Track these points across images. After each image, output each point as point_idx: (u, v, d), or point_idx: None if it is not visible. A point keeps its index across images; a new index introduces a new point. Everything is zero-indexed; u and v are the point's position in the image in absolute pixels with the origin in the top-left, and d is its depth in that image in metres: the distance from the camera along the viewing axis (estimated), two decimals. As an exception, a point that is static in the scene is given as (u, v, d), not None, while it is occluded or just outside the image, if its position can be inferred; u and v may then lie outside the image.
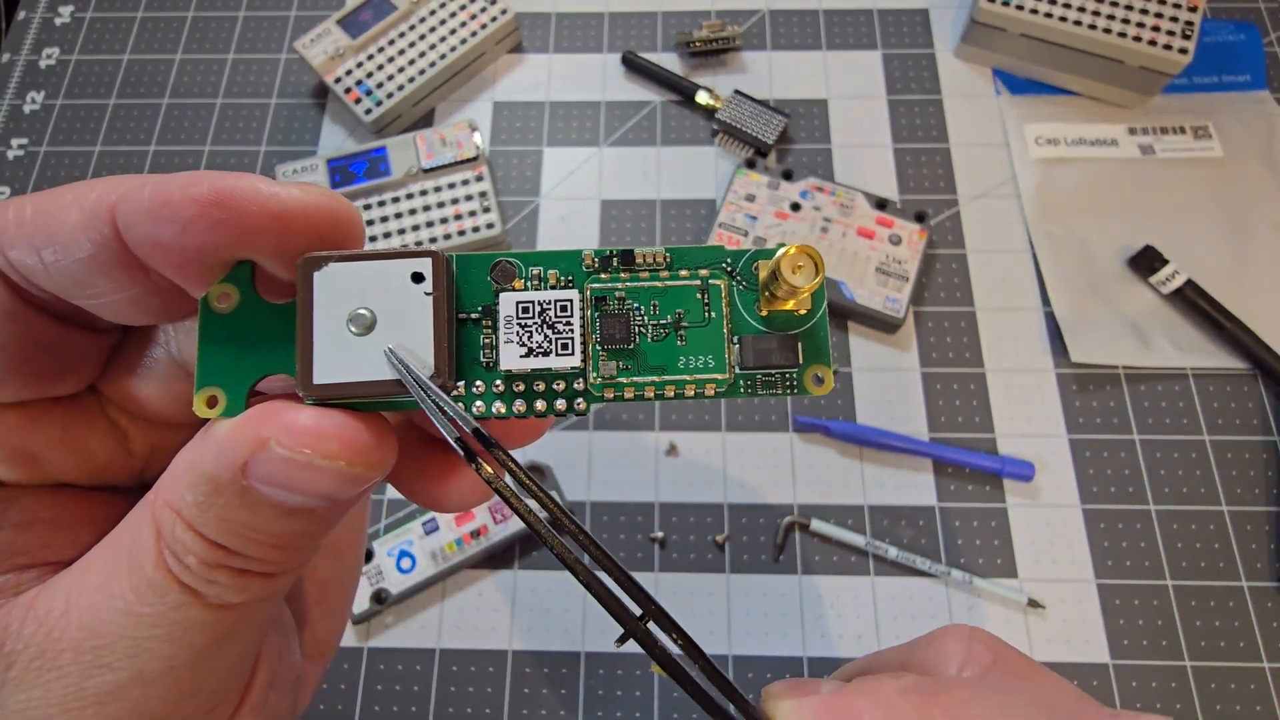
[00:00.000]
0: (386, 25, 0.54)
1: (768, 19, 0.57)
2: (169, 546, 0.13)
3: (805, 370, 0.15)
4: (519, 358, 0.14)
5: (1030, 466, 0.44)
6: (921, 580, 0.43)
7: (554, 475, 0.44)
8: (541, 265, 0.15)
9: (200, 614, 0.13)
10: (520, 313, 0.14)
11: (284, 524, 0.13)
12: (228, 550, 0.13)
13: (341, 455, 0.12)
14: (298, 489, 0.13)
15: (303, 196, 0.13)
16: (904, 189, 0.52)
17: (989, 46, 0.54)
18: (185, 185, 0.12)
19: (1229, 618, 0.41)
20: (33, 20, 0.59)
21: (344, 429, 0.13)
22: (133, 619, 0.13)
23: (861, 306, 0.47)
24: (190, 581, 0.13)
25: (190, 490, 0.13)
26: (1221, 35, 0.55)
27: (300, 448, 0.12)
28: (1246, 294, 0.47)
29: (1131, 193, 0.51)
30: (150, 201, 0.12)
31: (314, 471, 0.12)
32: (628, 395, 0.14)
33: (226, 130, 0.55)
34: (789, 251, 0.14)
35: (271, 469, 0.12)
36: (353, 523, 0.21)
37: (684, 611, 0.43)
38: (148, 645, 0.12)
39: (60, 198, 0.13)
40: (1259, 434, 0.45)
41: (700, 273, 0.15)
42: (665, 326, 0.15)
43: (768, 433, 0.46)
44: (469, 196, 0.50)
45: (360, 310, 0.13)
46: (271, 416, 0.13)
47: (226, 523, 0.13)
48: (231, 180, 0.13)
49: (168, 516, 0.13)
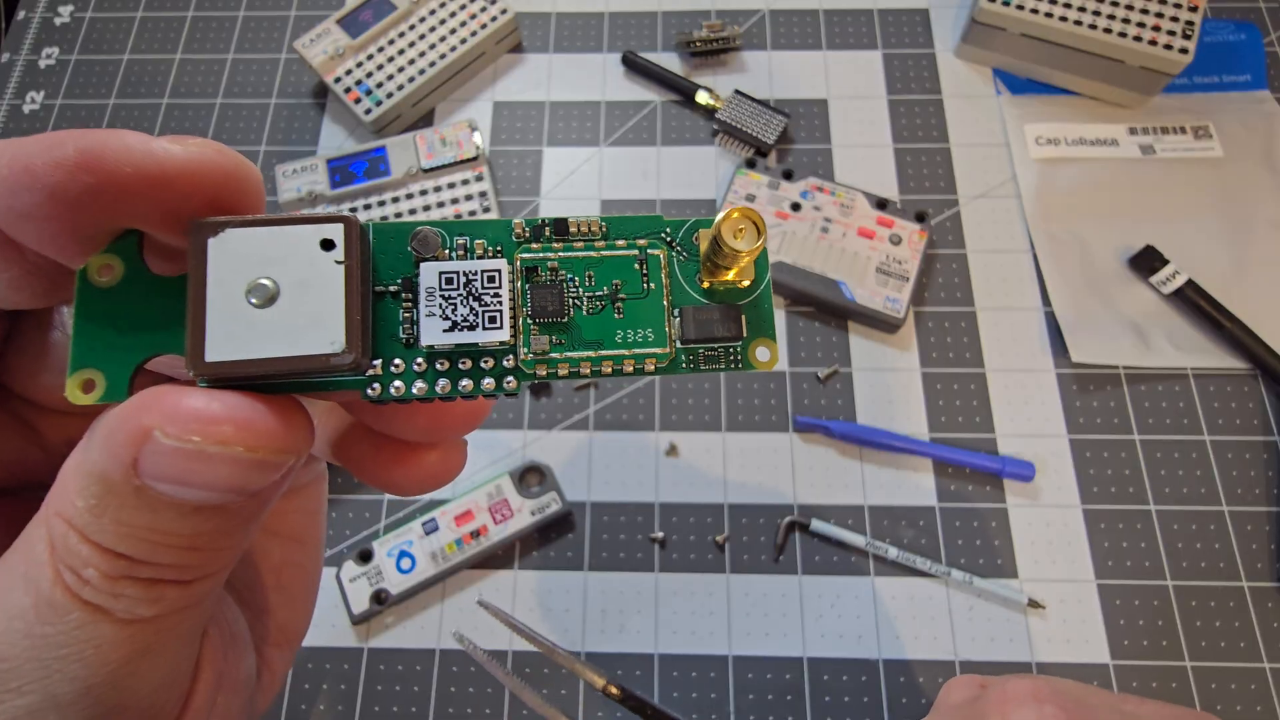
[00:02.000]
0: (386, 25, 0.54)
1: (768, 19, 0.57)
2: (64, 561, 0.11)
3: (749, 344, 0.14)
4: (442, 332, 0.13)
5: (1030, 466, 0.44)
6: (922, 580, 0.43)
7: (554, 475, 0.44)
8: (468, 235, 0.14)
9: (110, 630, 0.11)
10: (444, 284, 0.13)
11: (191, 524, 0.11)
12: (130, 559, 0.11)
13: (238, 440, 0.11)
14: (195, 483, 0.11)
15: (184, 152, 0.12)
16: (904, 189, 0.52)
17: (989, 46, 0.54)
18: (48, 148, 0.11)
19: (1229, 618, 0.41)
20: (32, 20, 0.59)
21: (238, 410, 0.11)
22: (36, 641, 0.11)
23: (861, 306, 0.47)
24: (93, 598, 0.11)
25: (80, 495, 0.11)
26: (1222, 35, 0.55)
27: (188, 435, 0.11)
28: (1247, 294, 0.47)
29: (1132, 193, 0.51)
30: (9, 170, 0.11)
31: (208, 462, 0.11)
32: (561, 372, 0.13)
33: (226, 130, 0.55)
34: (730, 214, 0.13)
35: (161, 463, 0.11)
36: (305, 505, 0.19)
37: (684, 612, 0.43)
38: (57, 667, 0.11)
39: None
40: (1259, 434, 0.45)
41: (638, 243, 0.14)
42: (601, 298, 0.14)
43: (768, 433, 0.46)
44: (469, 196, 0.50)
45: (261, 280, 0.12)
46: (154, 403, 0.11)
47: (124, 528, 0.11)
48: (100, 138, 0.11)
49: (60, 527, 0.11)
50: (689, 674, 0.41)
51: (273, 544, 0.19)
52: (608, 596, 0.43)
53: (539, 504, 0.43)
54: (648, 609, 0.43)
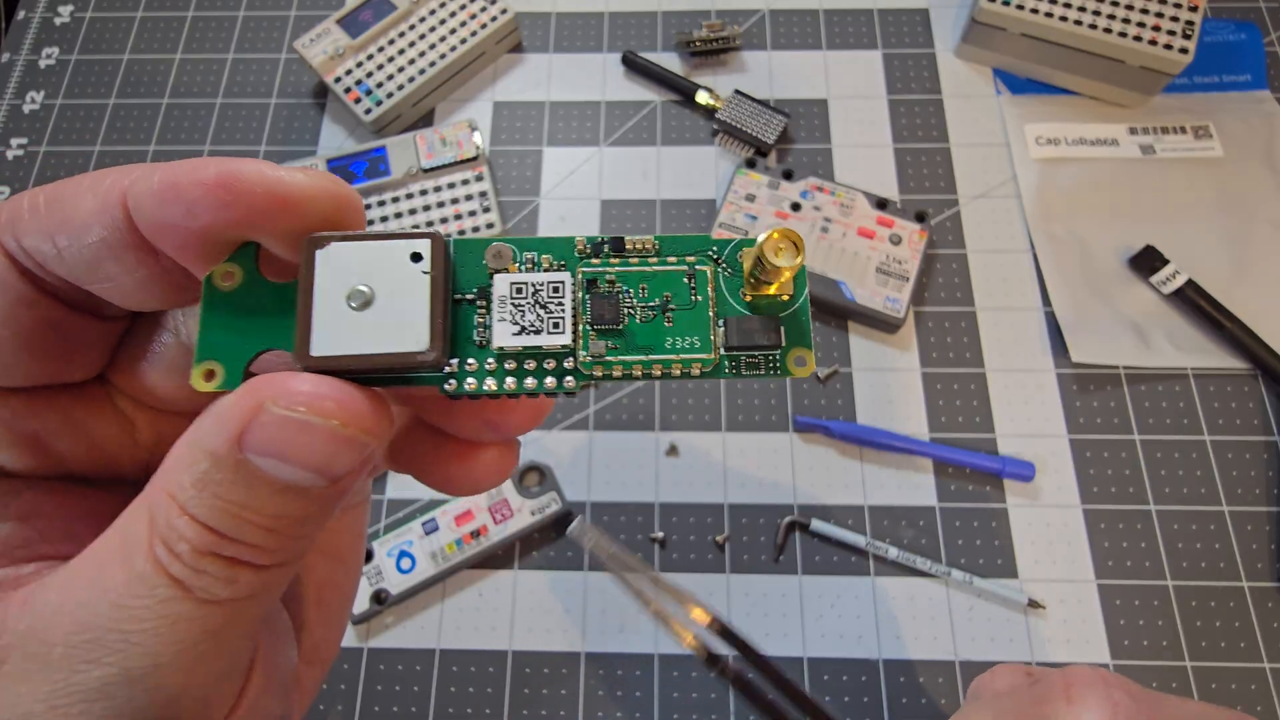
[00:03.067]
0: (386, 25, 0.54)
1: (768, 19, 0.57)
2: (161, 536, 0.13)
3: (788, 352, 0.15)
4: (511, 335, 0.14)
5: (1030, 466, 0.44)
6: (922, 580, 0.43)
7: (554, 475, 0.44)
8: (535, 250, 0.15)
9: (188, 608, 0.13)
10: (514, 293, 0.15)
11: (278, 503, 0.13)
12: (219, 535, 0.13)
13: (336, 414, 0.13)
14: (292, 456, 0.12)
15: (306, 181, 0.14)
16: (904, 189, 0.52)
17: (989, 46, 0.54)
18: (192, 169, 0.13)
19: (1229, 618, 0.41)
20: (32, 20, 0.59)
21: (339, 390, 0.13)
22: (121, 612, 0.12)
23: (861, 306, 0.47)
24: (179, 573, 0.12)
25: (188, 470, 0.13)
26: (1222, 35, 0.55)
27: (295, 405, 0.12)
28: (1247, 294, 0.47)
29: (1132, 192, 0.51)
30: (159, 185, 0.13)
31: (309, 433, 0.12)
32: (616, 374, 0.15)
33: (226, 130, 0.55)
34: (772, 235, 0.15)
35: (267, 433, 0.12)
36: (352, 526, 0.21)
37: (684, 611, 0.43)
38: (136, 640, 0.12)
39: (75, 185, 0.14)
40: (1259, 434, 0.45)
41: (687, 259, 0.15)
42: (653, 308, 0.15)
43: (768, 433, 0.46)
44: (469, 196, 0.50)
45: (359, 287, 0.14)
46: (269, 382, 0.13)
47: (221, 502, 0.12)
48: (237, 164, 0.13)
49: (163, 502, 0.13)
50: (689, 674, 0.41)
51: (319, 561, 0.20)
52: (608, 596, 0.43)
53: (539, 504, 0.43)
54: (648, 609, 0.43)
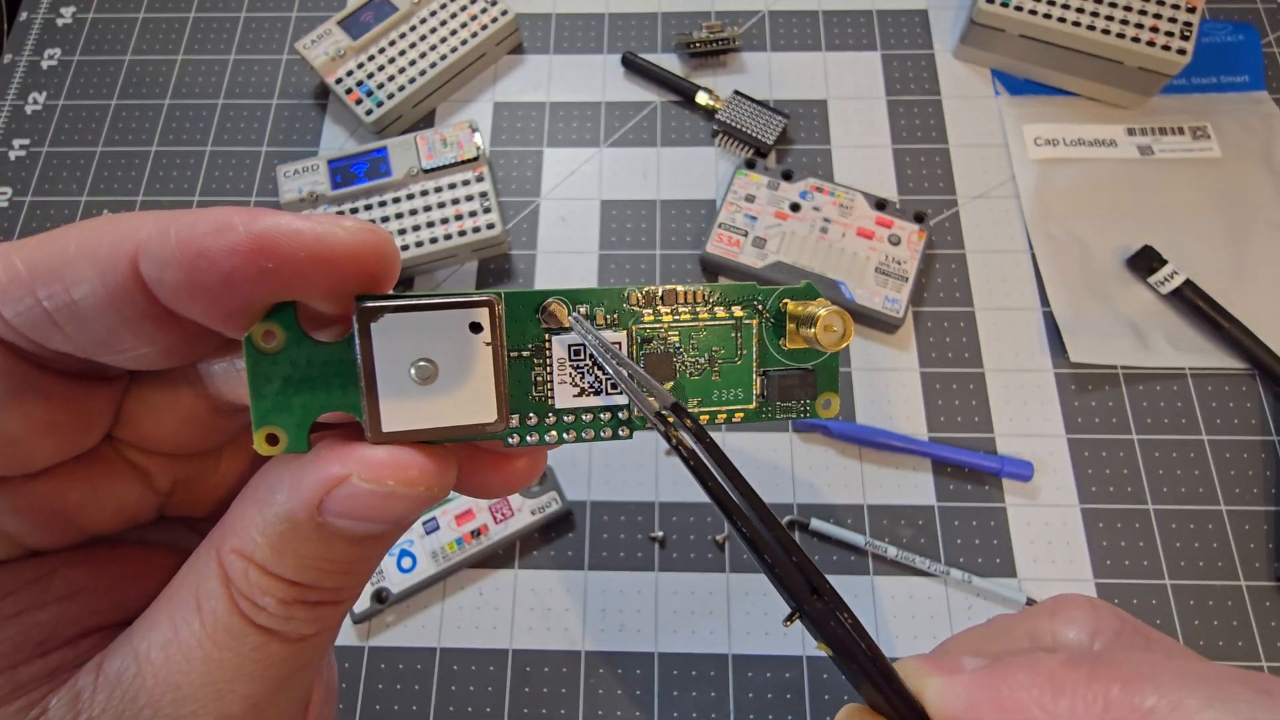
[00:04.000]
0: (387, 26, 0.54)
1: (767, 20, 0.57)
2: (241, 592, 0.13)
3: (817, 398, 0.17)
4: (572, 397, 0.15)
5: (1029, 466, 0.44)
6: (921, 579, 0.43)
7: (554, 475, 0.44)
8: (588, 303, 0.16)
9: (280, 650, 0.13)
10: (571, 355, 0.15)
11: (354, 552, 0.14)
12: (302, 586, 0.13)
13: (421, 481, 0.13)
14: (377, 518, 0.13)
15: (348, 237, 0.12)
16: (903, 189, 0.52)
17: (988, 47, 0.54)
18: (218, 232, 0.12)
19: (1227, 617, 0.42)
20: (35, 21, 0.59)
21: (418, 458, 0.13)
22: (213, 666, 0.13)
23: (861, 307, 0.47)
24: (267, 623, 0.13)
25: (262, 533, 0.13)
26: (1220, 36, 0.55)
27: (384, 480, 0.13)
28: (1245, 294, 0.47)
29: (1130, 193, 0.51)
30: (182, 254, 0.12)
31: (396, 500, 0.13)
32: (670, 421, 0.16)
33: (228, 131, 0.55)
34: (824, 315, 0.16)
35: (353, 503, 0.13)
36: None
37: (684, 611, 0.43)
38: (229, 688, 0.13)
39: (61, 246, 0.12)
40: (1257, 434, 0.45)
41: (735, 311, 0.16)
42: (702, 365, 0.16)
43: (768, 433, 0.46)
44: (469, 197, 0.50)
45: (422, 361, 0.14)
46: (347, 454, 0.13)
47: (302, 559, 0.13)
48: (269, 224, 0.12)
49: (238, 564, 0.13)
50: (689, 673, 0.41)
51: None
52: (608, 596, 0.43)
53: (539, 503, 0.44)
54: (648, 608, 0.43)
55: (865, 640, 0.15)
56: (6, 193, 0.54)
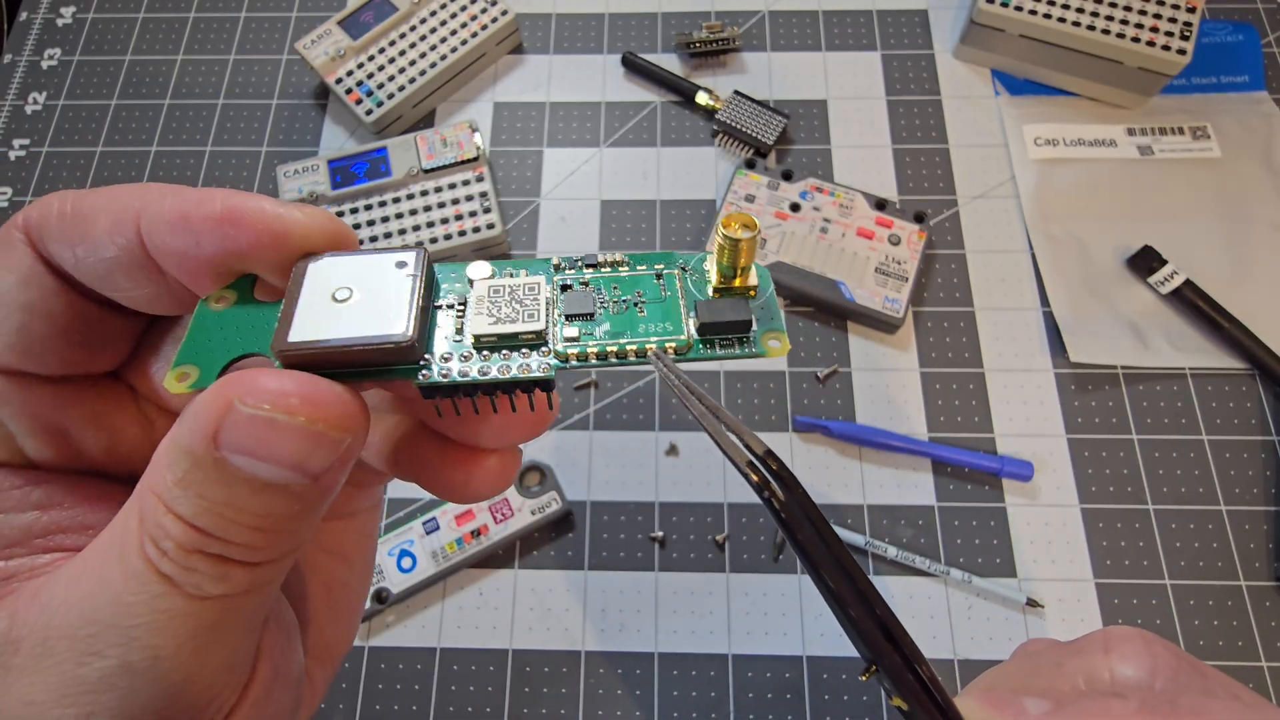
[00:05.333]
0: (387, 26, 0.54)
1: (767, 20, 0.57)
2: (150, 533, 0.13)
3: (761, 334, 0.16)
4: (486, 325, 0.15)
5: (1029, 466, 0.44)
6: (921, 579, 0.43)
7: (554, 475, 0.44)
8: (513, 269, 0.16)
9: (181, 604, 0.13)
10: (491, 293, 0.15)
11: (260, 501, 0.13)
12: (204, 533, 0.13)
13: (302, 411, 0.13)
14: (264, 454, 0.13)
15: (304, 218, 0.15)
16: (903, 189, 0.52)
17: (988, 47, 0.54)
18: (200, 202, 0.14)
19: (1227, 617, 0.42)
20: (35, 21, 0.59)
21: (304, 385, 0.13)
22: (120, 608, 0.13)
23: (861, 307, 0.47)
24: (169, 570, 0.13)
25: (170, 469, 0.13)
26: (1220, 36, 0.55)
27: (260, 404, 0.12)
28: (1245, 294, 0.47)
29: (1130, 193, 0.51)
30: (171, 214, 0.14)
31: (276, 430, 0.13)
32: (590, 352, 0.15)
33: (228, 131, 0.55)
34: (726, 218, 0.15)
35: (238, 432, 0.12)
36: (361, 527, 0.21)
37: (684, 611, 0.43)
38: (134, 635, 0.13)
39: (94, 200, 0.15)
40: (1257, 434, 0.45)
41: (656, 267, 0.16)
42: (625, 302, 0.16)
43: (768, 433, 0.46)
44: (469, 197, 0.50)
45: (345, 286, 0.14)
46: (238, 380, 0.13)
47: (203, 501, 0.13)
48: (241, 200, 0.14)
49: (150, 502, 0.13)
50: (689, 673, 0.41)
51: (327, 560, 0.20)
52: (608, 596, 0.43)
53: (539, 503, 0.44)
54: (648, 608, 0.43)
55: (941, 694, 0.15)
56: (6, 193, 0.54)
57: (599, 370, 0.48)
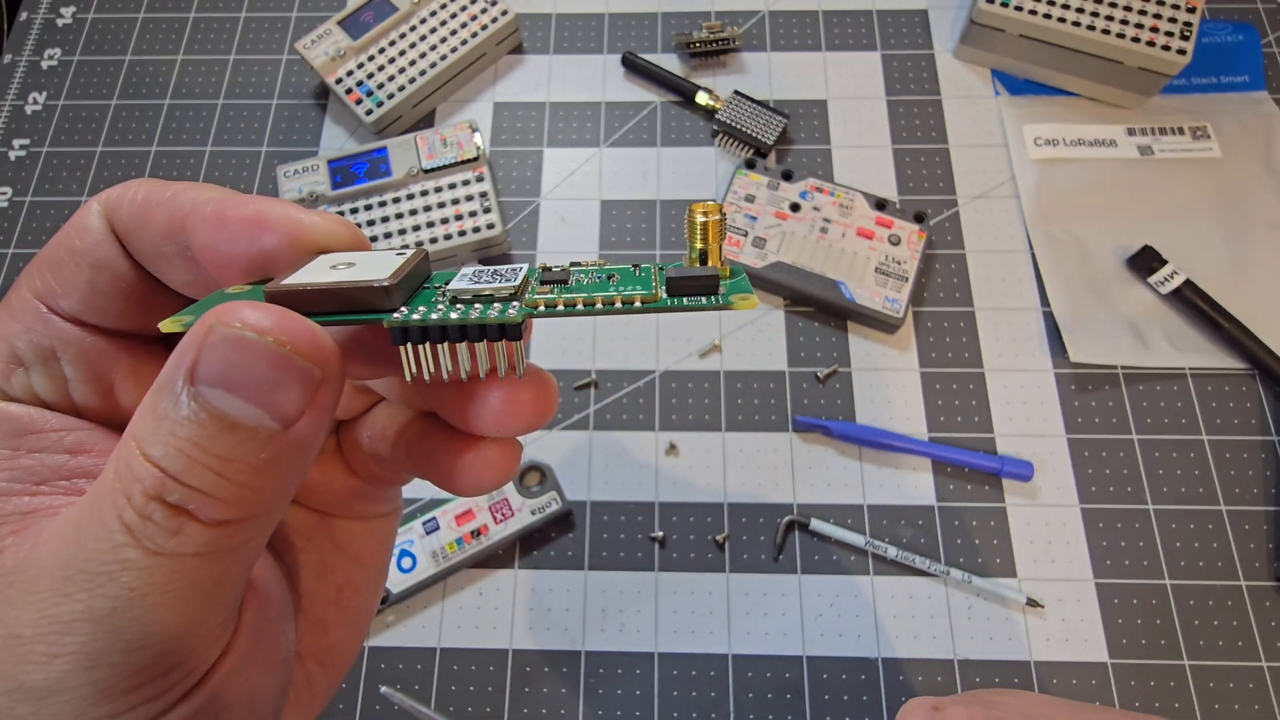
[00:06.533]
0: (387, 26, 0.54)
1: (767, 20, 0.57)
2: (120, 479, 0.13)
3: (729, 293, 0.16)
4: (465, 285, 0.16)
5: (1029, 466, 0.44)
6: (921, 579, 0.43)
7: (554, 475, 0.44)
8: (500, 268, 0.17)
9: (136, 557, 0.13)
10: (474, 272, 0.16)
11: (226, 442, 0.13)
12: (168, 476, 0.13)
13: (272, 331, 0.13)
14: (235, 380, 0.13)
15: (322, 223, 0.16)
16: (903, 189, 0.52)
17: (988, 47, 0.54)
18: (237, 205, 0.15)
19: (1227, 617, 0.42)
20: (35, 21, 0.59)
21: (279, 313, 0.14)
22: (87, 554, 0.13)
23: (861, 307, 0.47)
24: (129, 520, 0.13)
25: (151, 410, 0.13)
26: (1220, 36, 0.55)
27: (234, 323, 0.13)
28: (1245, 294, 0.47)
29: (1130, 193, 0.51)
30: (211, 214, 0.15)
31: (248, 351, 0.13)
32: (559, 305, 0.15)
33: (228, 131, 0.55)
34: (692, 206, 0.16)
35: (212, 356, 0.13)
36: (376, 532, 0.22)
37: (684, 611, 0.43)
38: (99, 583, 0.13)
39: (159, 195, 0.16)
40: (1257, 434, 0.45)
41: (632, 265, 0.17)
42: (599, 274, 0.17)
43: (767, 433, 0.46)
44: (469, 197, 0.50)
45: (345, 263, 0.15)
46: (220, 308, 0.13)
47: (173, 440, 0.13)
48: (270, 204, 0.16)
49: (126, 445, 0.13)
50: (689, 673, 0.41)
51: (341, 562, 0.20)
52: (608, 596, 0.43)
53: (539, 503, 0.44)
54: (648, 608, 0.43)
55: None
56: (6, 193, 0.54)
57: (599, 370, 0.48)
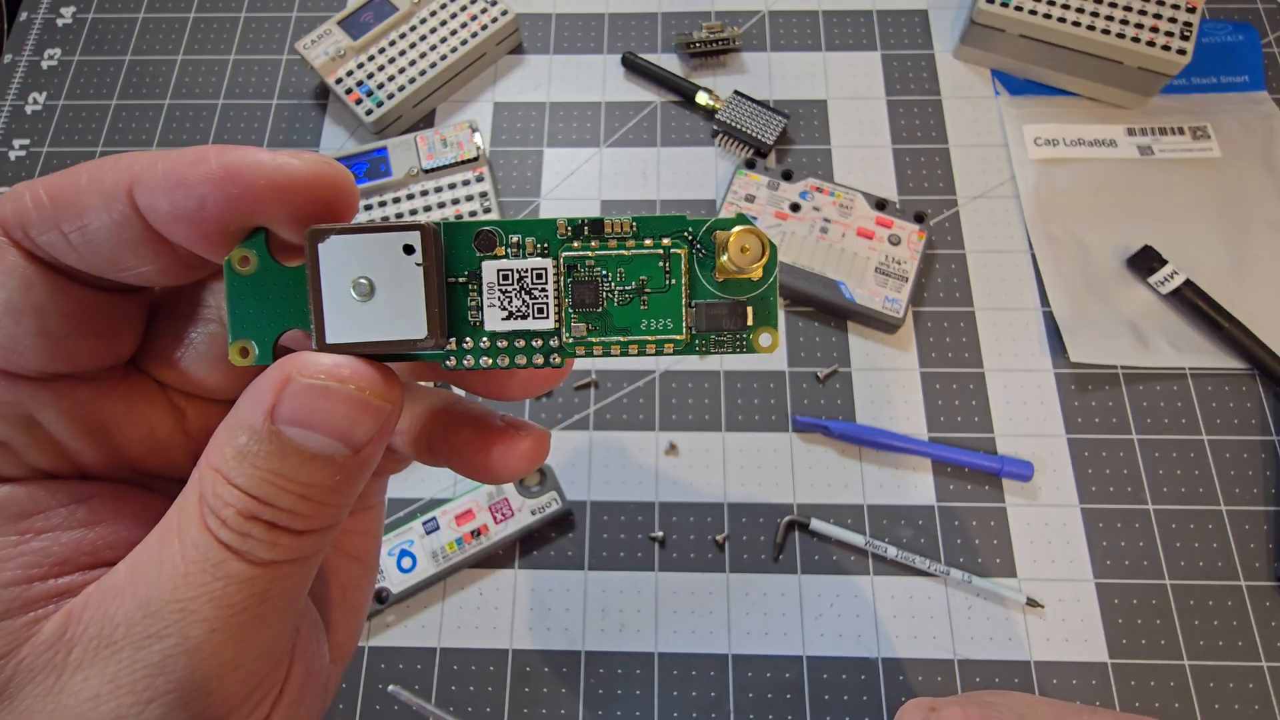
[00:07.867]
0: (387, 26, 0.54)
1: (767, 20, 0.57)
2: (209, 505, 0.14)
3: (754, 332, 0.16)
4: (500, 320, 0.16)
5: (1029, 466, 0.44)
6: (921, 579, 0.43)
7: (554, 475, 0.44)
8: (520, 233, 0.16)
9: (239, 570, 0.14)
10: (501, 280, 0.16)
11: (308, 471, 0.14)
12: (260, 500, 0.14)
13: (352, 380, 0.14)
14: (315, 422, 0.14)
15: (302, 166, 0.14)
16: (903, 189, 0.52)
17: (988, 47, 0.54)
18: (194, 163, 0.14)
19: (1227, 617, 0.42)
20: (35, 21, 0.59)
21: (353, 363, 0.14)
22: (179, 581, 0.13)
23: (861, 307, 0.47)
24: (227, 538, 0.14)
25: (230, 445, 0.14)
26: (1220, 36, 0.55)
27: (317, 374, 0.14)
28: (1245, 294, 0.47)
29: (1130, 193, 0.51)
30: (166, 181, 0.14)
31: (330, 398, 0.14)
32: (596, 353, 0.16)
33: (228, 131, 0.55)
34: (735, 233, 0.16)
35: (294, 402, 0.14)
36: (369, 527, 0.22)
37: (684, 611, 0.43)
38: (192, 607, 0.13)
39: (75, 179, 0.14)
40: (1257, 434, 0.45)
41: (663, 241, 0.16)
42: (630, 292, 0.16)
43: (767, 433, 0.46)
44: (470, 197, 0.50)
45: (361, 279, 0.15)
46: (295, 358, 0.14)
47: (259, 471, 0.14)
48: (236, 154, 0.14)
49: (210, 476, 0.14)
50: (689, 673, 0.41)
51: (343, 562, 0.21)
52: (608, 596, 0.43)
53: (539, 503, 0.44)
54: (648, 608, 0.43)
55: None
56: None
57: (599, 370, 0.48)
